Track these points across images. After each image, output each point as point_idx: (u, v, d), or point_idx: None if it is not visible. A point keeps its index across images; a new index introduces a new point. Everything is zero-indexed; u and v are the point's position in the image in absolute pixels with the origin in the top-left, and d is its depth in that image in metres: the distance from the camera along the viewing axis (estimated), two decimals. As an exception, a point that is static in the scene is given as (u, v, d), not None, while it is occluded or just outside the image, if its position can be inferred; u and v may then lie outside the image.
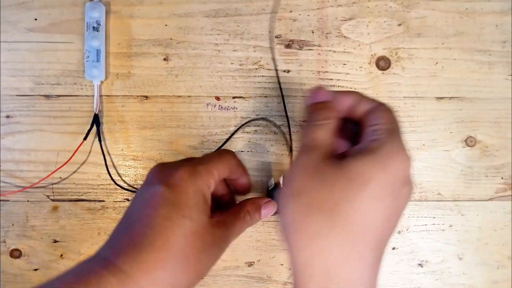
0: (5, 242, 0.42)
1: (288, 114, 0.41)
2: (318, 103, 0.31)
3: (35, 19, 0.42)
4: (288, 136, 0.42)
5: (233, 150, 0.42)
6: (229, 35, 0.42)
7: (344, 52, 0.42)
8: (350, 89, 0.42)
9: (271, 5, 0.42)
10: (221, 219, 0.33)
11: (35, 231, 0.42)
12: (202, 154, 0.42)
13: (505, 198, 0.42)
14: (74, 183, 0.42)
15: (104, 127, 0.42)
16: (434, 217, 0.42)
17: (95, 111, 0.41)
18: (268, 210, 0.36)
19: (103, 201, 0.42)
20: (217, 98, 0.42)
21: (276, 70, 0.42)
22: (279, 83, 0.41)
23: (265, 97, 0.42)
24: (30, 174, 0.42)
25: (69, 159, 0.41)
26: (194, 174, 0.32)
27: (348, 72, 0.42)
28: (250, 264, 0.42)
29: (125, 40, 0.42)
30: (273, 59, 0.41)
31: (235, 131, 0.41)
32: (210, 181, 0.33)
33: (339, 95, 0.31)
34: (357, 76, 0.42)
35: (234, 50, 0.42)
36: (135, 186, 0.42)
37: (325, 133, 0.29)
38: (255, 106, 0.42)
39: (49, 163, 0.42)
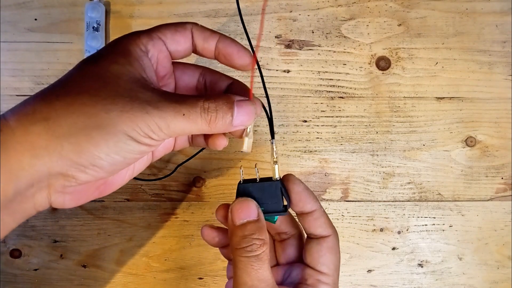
0: (5, 242, 0.42)
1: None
2: (247, 225, 0.26)
3: (35, 19, 0.42)
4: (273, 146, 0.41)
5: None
6: (229, 35, 0.42)
7: (344, 52, 0.42)
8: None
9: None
10: (168, 95, 0.24)
11: (35, 231, 0.42)
12: (200, 153, 0.42)
13: (505, 198, 0.42)
14: (74, 183, 0.42)
15: (104, 127, 0.42)
16: (434, 217, 0.42)
17: (95, 111, 0.41)
18: (245, 112, 0.26)
19: (103, 201, 0.42)
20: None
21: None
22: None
23: (265, 97, 0.42)
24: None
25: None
26: (122, 38, 0.26)
27: (348, 72, 0.42)
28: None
29: (125, 40, 0.42)
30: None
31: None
32: (143, 41, 0.26)
33: (303, 198, 0.27)
34: (357, 76, 0.42)
35: (234, 50, 0.42)
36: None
37: (267, 267, 0.25)
38: (255, 106, 0.42)
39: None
